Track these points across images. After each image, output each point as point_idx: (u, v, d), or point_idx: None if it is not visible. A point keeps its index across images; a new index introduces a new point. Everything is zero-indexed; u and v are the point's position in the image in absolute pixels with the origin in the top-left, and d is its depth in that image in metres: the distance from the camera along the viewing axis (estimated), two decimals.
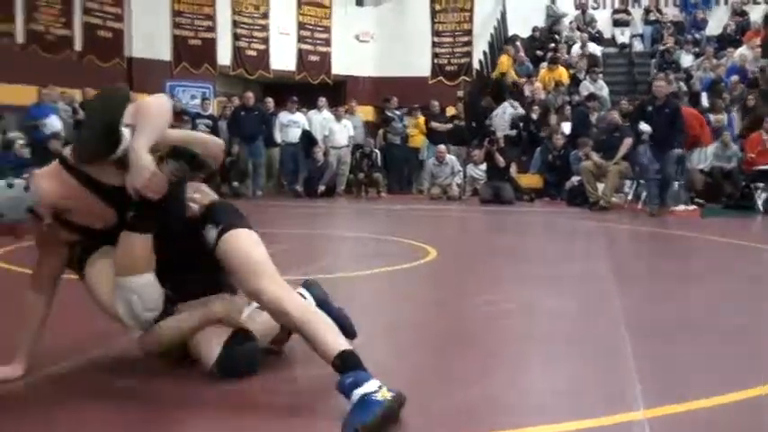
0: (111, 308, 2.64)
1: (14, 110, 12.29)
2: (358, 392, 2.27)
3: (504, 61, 15.81)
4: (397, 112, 14.94)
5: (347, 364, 2.37)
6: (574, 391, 2.70)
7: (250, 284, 2.59)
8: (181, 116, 13.36)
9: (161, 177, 2.49)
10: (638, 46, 17.02)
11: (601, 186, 11.05)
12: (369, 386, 2.28)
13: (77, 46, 14.07)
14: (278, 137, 14.01)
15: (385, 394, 2.26)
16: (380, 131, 15.20)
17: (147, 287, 2.58)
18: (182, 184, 2.65)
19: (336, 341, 2.45)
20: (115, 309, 2.61)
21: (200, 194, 2.78)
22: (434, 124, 14.42)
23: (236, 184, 13.34)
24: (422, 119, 14.79)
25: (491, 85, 15.73)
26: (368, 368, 2.38)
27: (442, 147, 13.49)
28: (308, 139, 14.05)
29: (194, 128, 13.36)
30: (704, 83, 14.02)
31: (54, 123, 12.15)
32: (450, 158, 13.38)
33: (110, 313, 2.67)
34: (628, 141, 10.89)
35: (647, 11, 17.16)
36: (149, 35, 15.11)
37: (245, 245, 2.67)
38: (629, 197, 11.55)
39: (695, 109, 12.32)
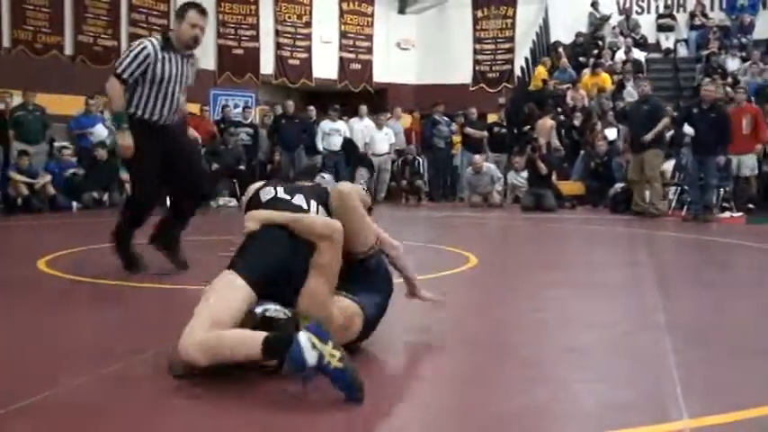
0: None
1: (62, 119, 12.58)
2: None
3: (541, 72, 15.74)
4: (445, 118, 14.93)
5: None
6: (615, 400, 2.67)
7: None
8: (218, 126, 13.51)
9: None
10: (682, 51, 16.81)
11: (647, 193, 10.95)
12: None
13: None
14: (320, 145, 14.08)
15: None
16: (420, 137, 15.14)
17: None
18: None
19: None
20: None
21: None
22: (469, 130, 14.34)
23: None
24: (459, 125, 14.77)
25: (532, 92, 15.64)
26: (406, 375, 2.36)
27: (477, 157, 13.35)
28: (349, 146, 14.12)
29: (236, 136, 13.54)
30: (751, 88, 13.79)
31: (100, 132, 12.42)
32: (489, 167, 13.26)
33: None
34: (665, 121, 10.77)
35: (693, 15, 16.94)
36: None
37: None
38: (673, 204, 11.40)
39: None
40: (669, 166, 11.80)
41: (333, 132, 14.11)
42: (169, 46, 4.99)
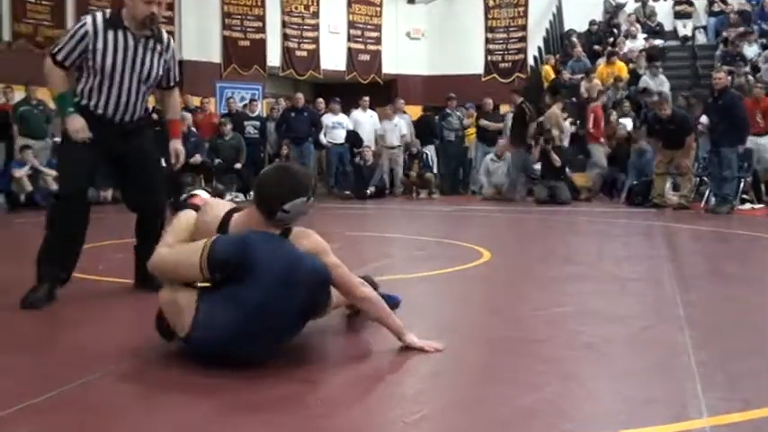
0: None
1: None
2: None
3: (548, 71, 15.46)
4: (458, 112, 14.63)
5: None
6: (634, 397, 2.61)
7: None
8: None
9: None
10: (701, 38, 16.44)
11: (667, 186, 10.75)
12: None
13: None
14: (323, 139, 13.80)
15: None
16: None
17: None
18: None
19: None
20: None
21: None
22: (484, 122, 14.08)
23: None
24: (473, 117, 14.51)
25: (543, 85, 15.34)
26: (422, 371, 2.73)
27: (501, 141, 13.15)
28: (354, 139, 13.90)
29: (242, 130, 13.35)
30: None
31: None
32: (509, 155, 13.01)
33: None
34: (690, 139, 10.57)
35: (711, 1, 16.56)
36: (199, 37, 15.13)
37: None
38: (692, 195, 11.13)
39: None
40: None
41: (336, 125, 13.88)
42: (118, 24, 4.02)
